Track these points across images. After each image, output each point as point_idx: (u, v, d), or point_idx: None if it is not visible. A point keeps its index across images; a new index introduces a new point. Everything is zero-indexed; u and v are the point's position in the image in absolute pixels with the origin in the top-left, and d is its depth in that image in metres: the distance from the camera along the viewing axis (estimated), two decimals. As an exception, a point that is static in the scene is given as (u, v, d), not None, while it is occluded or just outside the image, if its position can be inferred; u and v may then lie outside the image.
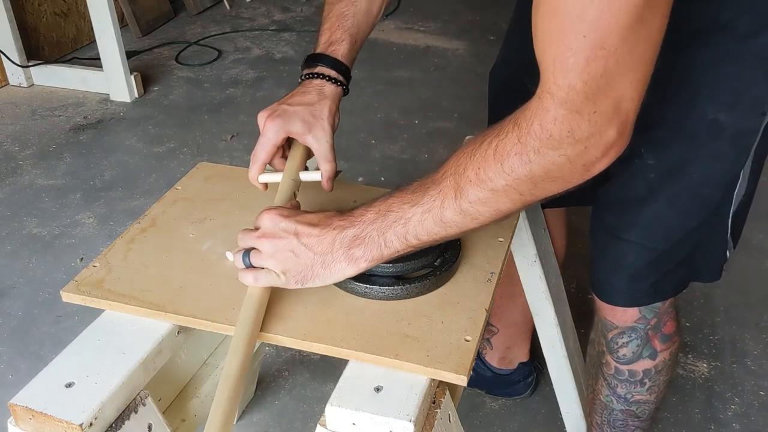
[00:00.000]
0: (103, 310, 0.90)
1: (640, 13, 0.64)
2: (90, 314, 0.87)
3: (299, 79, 1.04)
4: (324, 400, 1.11)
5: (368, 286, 0.87)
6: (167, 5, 3.64)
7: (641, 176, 0.98)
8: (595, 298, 1.14)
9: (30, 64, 2.96)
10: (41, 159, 2.50)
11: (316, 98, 1.00)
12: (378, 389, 0.78)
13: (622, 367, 1.16)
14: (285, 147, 1.02)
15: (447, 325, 0.84)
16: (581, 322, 1.50)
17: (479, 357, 1.62)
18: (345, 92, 1.03)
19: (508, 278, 1.27)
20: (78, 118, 2.76)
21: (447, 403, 0.82)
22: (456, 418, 0.85)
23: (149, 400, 0.83)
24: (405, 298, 0.88)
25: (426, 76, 3.08)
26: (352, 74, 1.04)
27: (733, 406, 1.61)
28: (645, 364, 1.15)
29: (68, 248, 2.07)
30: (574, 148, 0.70)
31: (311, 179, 1.00)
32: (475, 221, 0.77)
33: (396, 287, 0.87)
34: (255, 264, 0.85)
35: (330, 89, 1.01)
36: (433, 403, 0.80)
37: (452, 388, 0.86)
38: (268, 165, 1.01)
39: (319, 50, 1.03)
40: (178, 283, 0.91)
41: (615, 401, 1.21)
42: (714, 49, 0.90)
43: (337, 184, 1.02)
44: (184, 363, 1.11)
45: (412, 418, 0.74)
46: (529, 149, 0.71)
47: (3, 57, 2.89)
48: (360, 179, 2.36)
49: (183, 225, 1.03)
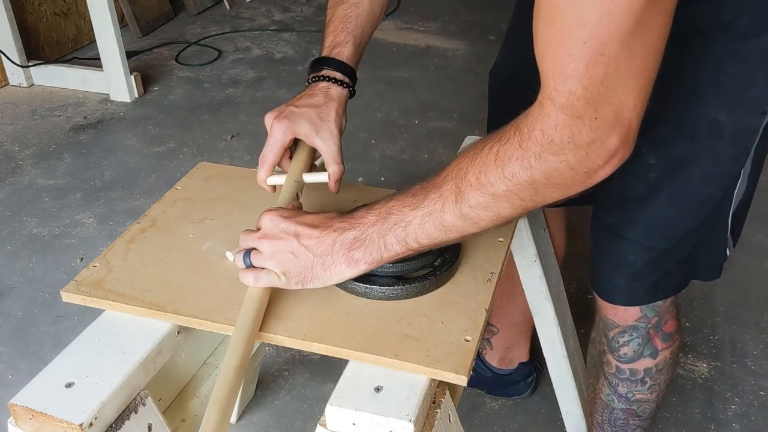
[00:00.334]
0: (103, 310, 0.90)
1: (639, 20, 0.64)
2: (90, 314, 0.87)
3: (306, 82, 1.04)
4: (324, 400, 1.12)
5: (368, 286, 0.87)
6: (167, 5, 3.64)
7: (642, 175, 0.98)
8: (596, 297, 1.14)
9: (30, 64, 2.96)
10: (41, 159, 2.50)
11: (323, 100, 1.00)
12: (378, 389, 0.78)
13: (623, 366, 1.16)
14: (293, 148, 1.02)
15: (447, 325, 0.84)
16: (581, 322, 1.50)
17: (479, 357, 1.62)
18: (351, 94, 1.04)
19: (508, 278, 1.27)
20: (78, 118, 2.76)
21: (447, 403, 0.82)
22: (456, 418, 0.85)
23: (149, 400, 0.83)
24: (405, 298, 0.88)
25: (426, 76, 3.07)
26: (356, 74, 1.04)
27: (733, 406, 1.61)
28: (646, 362, 1.15)
29: (68, 248, 2.07)
30: (576, 154, 0.69)
31: (317, 181, 1.00)
32: (475, 226, 0.77)
33: (396, 287, 0.87)
34: (255, 264, 0.85)
35: (336, 91, 1.01)
36: (433, 403, 0.80)
37: (452, 388, 0.86)
38: (276, 167, 1.01)
39: (324, 53, 1.04)
40: (178, 283, 0.91)
41: (616, 400, 1.21)
42: (715, 49, 0.90)
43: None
44: (184, 363, 1.11)
45: (412, 418, 0.74)
46: (531, 155, 0.71)
47: (3, 57, 2.89)
48: (360, 179, 2.36)
49: (183, 225, 1.03)
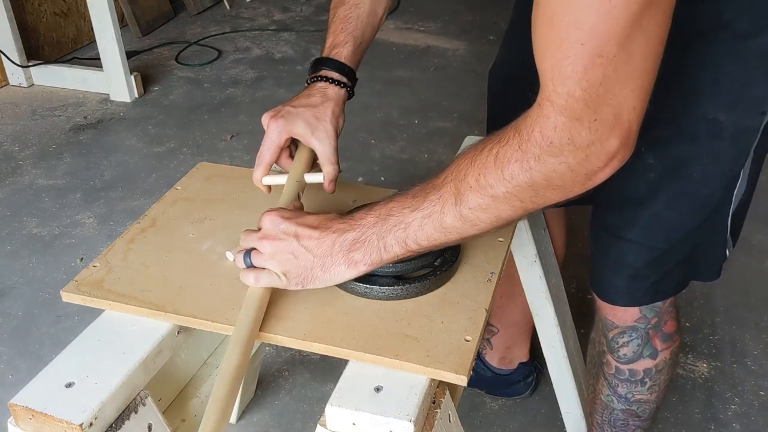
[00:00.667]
0: (103, 310, 0.90)
1: (637, 21, 0.63)
2: (90, 314, 0.87)
3: (305, 83, 1.04)
4: (324, 400, 1.12)
5: (368, 286, 0.87)
6: (167, 5, 3.64)
7: (641, 176, 0.98)
8: (596, 298, 1.14)
9: (30, 64, 2.96)
10: (41, 159, 2.50)
11: (320, 100, 1.00)
12: (378, 389, 0.78)
13: (623, 367, 1.16)
14: (292, 147, 1.02)
15: (447, 325, 0.84)
16: (581, 322, 1.50)
17: (479, 357, 1.62)
18: (350, 94, 1.03)
19: (508, 278, 1.27)
20: (78, 118, 2.76)
21: (447, 403, 0.82)
22: (456, 418, 0.85)
23: (149, 400, 0.83)
24: (405, 298, 0.88)
25: (426, 76, 3.07)
26: (356, 75, 1.04)
27: (733, 406, 1.61)
28: (645, 363, 1.15)
29: (68, 248, 2.07)
30: (575, 155, 0.69)
31: (313, 181, 1.00)
32: (475, 227, 0.77)
33: (396, 287, 0.87)
34: (256, 264, 0.85)
35: (333, 91, 1.01)
36: (433, 403, 0.80)
37: (452, 388, 0.86)
38: (274, 165, 1.01)
39: (323, 54, 1.04)
40: (178, 283, 0.91)
41: (616, 401, 1.21)
42: (714, 49, 0.90)
43: (336, 184, 1.02)
44: (184, 363, 1.11)
45: (412, 418, 0.74)
46: (530, 156, 0.70)
47: (3, 57, 2.89)
48: (360, 179, 2.36)
49: (183, 225, 1.03)
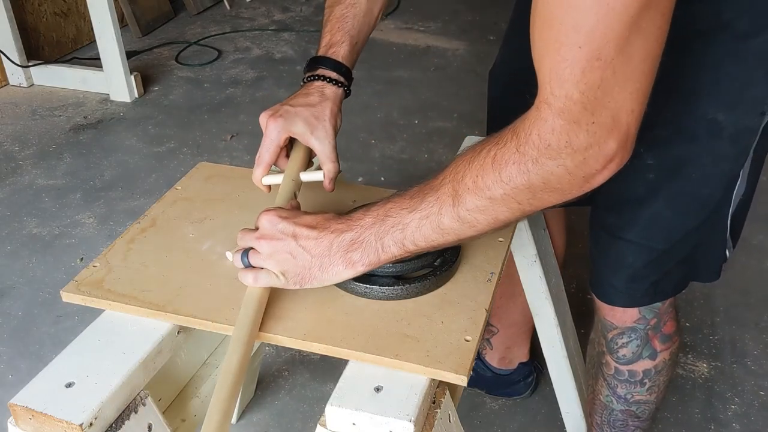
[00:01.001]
0: (103, 310, 0.90)
1: (635, 23, 0.63)
2: (90, 314, 0.87)
3: (301, 82, 1.04)
4: (324, 400, 1.11)
5: (368, 286, 0.87)
6: (167, 5, 3.63)
7: (640, 176, 0.98)
8: (595, 299, 1.14)
9: (30, 64, 2.96)
10: (41, 159, 2.50)
11: (318, 99, 1.00)
12: (378, 389, 0.78)
13: (622, 368, 1.16)
14: (288, 147, 1.02)
15: (447, 325, 0.84)
16: (581, 322, 1.50)
17: (479, 357, 1.62)
18: (347, 93, 1.04)
19: (508, 278, 1.27)
20: (78, 118, 2.76)
21: (447, 403, 0.82)
22: (456, 418, 0.85)
23: (149, 400, 0.83)
24: (405, 298, 0.88)
25: (426, 76, 3.07)
26: (352, 74, 1.04)
27: (733, 406, 1.61)
28: (645, 364, 1.15)
29: (68, 248, 2.07)
30: (573, 158, 0.69)
31: (312, 179, 1.00)
32: (472, 229, 0.77)
33: (396, 287, 0.87)
34: (254, 264, 0.85)
35: (331, 90, 1.01)
36: (433, 403, 0.80)
37: (452, 388, 0.86)
38: (273, 165, 1.01)
39: (320, 53, 1.04)
40: (178, 283, 0.92)
41: (615, 401, 1.21)
42: (714, 49, 0.90)
43: (336, 184, 1.02)
44: (184, 363, 1.11)
45: (412, 418, 0.74)
46: (528, 159, 0.70)
47: (3, 57, 2.89)
48: (360, 179, 2.36)
49: (183, 225, 1.03)
